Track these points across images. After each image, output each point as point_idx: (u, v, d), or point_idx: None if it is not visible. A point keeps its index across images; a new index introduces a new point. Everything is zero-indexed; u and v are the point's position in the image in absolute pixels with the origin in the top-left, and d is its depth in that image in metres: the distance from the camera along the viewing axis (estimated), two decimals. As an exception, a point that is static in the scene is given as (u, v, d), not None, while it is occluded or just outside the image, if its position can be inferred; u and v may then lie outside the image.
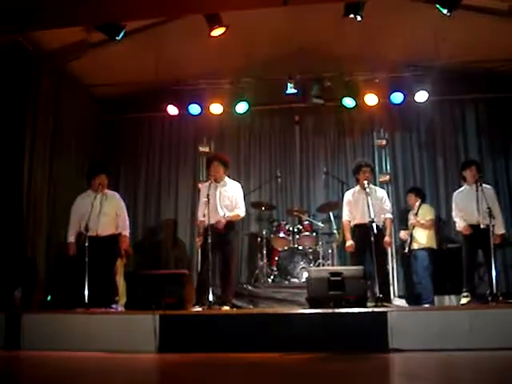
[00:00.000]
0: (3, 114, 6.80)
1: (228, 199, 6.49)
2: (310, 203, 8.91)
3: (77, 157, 8.26)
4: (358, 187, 6.73)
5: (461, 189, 6.74)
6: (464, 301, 6.32)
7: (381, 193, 6.88)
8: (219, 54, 7.30)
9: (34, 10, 5.94)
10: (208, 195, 6.22)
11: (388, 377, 3.86)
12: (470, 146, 8.60)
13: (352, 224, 6.68)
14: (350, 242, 6.60)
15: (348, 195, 6.84)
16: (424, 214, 7.46)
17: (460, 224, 6.54)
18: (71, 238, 6.38)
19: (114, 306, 6.17)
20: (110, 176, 6.83)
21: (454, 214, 6.68)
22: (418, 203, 7.57)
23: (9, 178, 6.80)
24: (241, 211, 6.53)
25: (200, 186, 6.82)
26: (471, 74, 8.17)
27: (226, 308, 6.16)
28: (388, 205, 6.78)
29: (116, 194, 6.82)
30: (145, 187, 9.16)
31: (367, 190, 6.38)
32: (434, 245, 7.45)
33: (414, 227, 7.42)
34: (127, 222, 6.65)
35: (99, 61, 7.43)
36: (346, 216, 6.77)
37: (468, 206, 6.40)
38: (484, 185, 6.45)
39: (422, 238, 7.41)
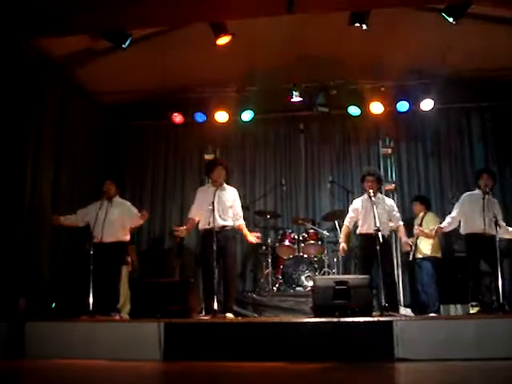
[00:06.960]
0: (8, 121, 6.82)
1: (228, 205, 6.50)
2: (316, 212, 8.89)
3: (81, 164, 8.27)
4: (365, 196, 6.66)
5: (473, 192, 6.59)
6: (473, 310, 6.25)
7: (389, 201, 6.84)
8: (224, 63, 7.30)
9: (38, 18, 5.97)
10: (213, 202, 6.21)
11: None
12: (475, 155, 8.57)
13: (359, 232, 6.66)
14: (342, 245, 6.73)
15: (356, 203, 6.82)
16: (427, 223, 7.44)
17: (445, 224, 6.55)
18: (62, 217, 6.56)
19: (112, 313, 6.12)
20: (117, 183, 6.78)
21: (453, 212, 6.58)
22: (422, 212, 7.57)
23: (12, 185, 6.80)
24: (242, 221, 6.62)
25: (199, 189, 6.82)
26: (477, 82, 8.16)
27: (230, 315, 6.14)
28: (398, 212, 6.80)
29: (127, 202, 6.77)
30: (150, 195, 9.16)
31: (373, 198, 6.35)
32: (438, 253, 7.43)
33: (417, 237, 7.40)
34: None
35: (105, 68, 7.47)
36: (346, 222, 6.83)
37: (474, 212, 6.33)
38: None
39: (426, 247, 7.38)
